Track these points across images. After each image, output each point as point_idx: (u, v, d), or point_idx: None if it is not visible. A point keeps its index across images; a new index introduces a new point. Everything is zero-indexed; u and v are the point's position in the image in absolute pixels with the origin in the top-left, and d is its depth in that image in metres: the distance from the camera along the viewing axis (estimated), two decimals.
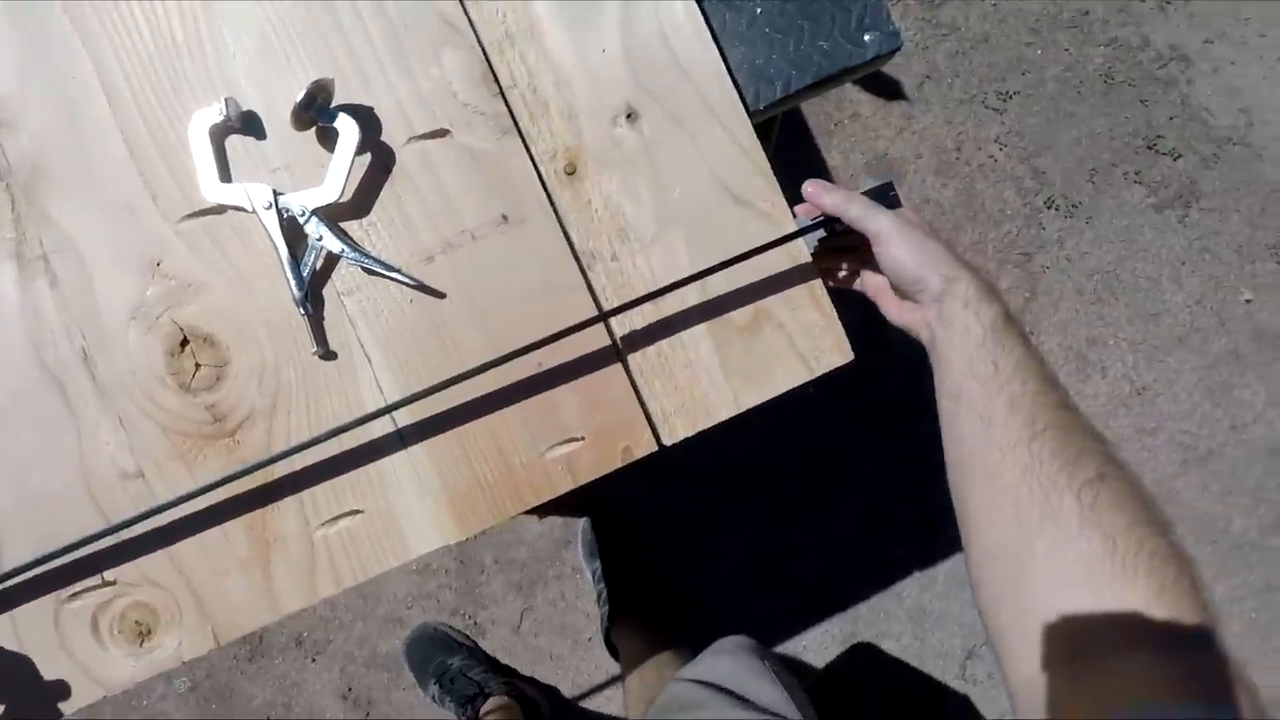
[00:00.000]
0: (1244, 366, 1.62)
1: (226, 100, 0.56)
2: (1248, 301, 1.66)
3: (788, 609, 1.46)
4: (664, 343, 0.60)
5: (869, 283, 0.62)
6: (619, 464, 0.60)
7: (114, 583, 0.55)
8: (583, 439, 0.59)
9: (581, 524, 1.40)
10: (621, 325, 0.60)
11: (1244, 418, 1.61)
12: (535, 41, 0.60)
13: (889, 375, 1.49)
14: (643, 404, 0.60)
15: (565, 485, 0.59)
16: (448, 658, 1.28)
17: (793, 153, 1.51)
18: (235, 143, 0.58)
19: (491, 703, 1.22)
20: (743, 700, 0.73)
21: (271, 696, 1.36)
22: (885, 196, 0.58)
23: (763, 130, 0.69)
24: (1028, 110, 1.61)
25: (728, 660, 0.79)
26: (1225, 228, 1.64)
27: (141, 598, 0.55)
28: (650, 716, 0.80)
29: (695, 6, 0.63)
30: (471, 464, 0.58)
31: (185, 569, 0.56)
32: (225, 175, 0.57)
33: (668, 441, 0.60)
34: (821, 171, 1.53)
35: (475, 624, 1.39)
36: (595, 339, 0.59)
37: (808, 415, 1.48)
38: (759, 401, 0.60)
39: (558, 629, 1.40)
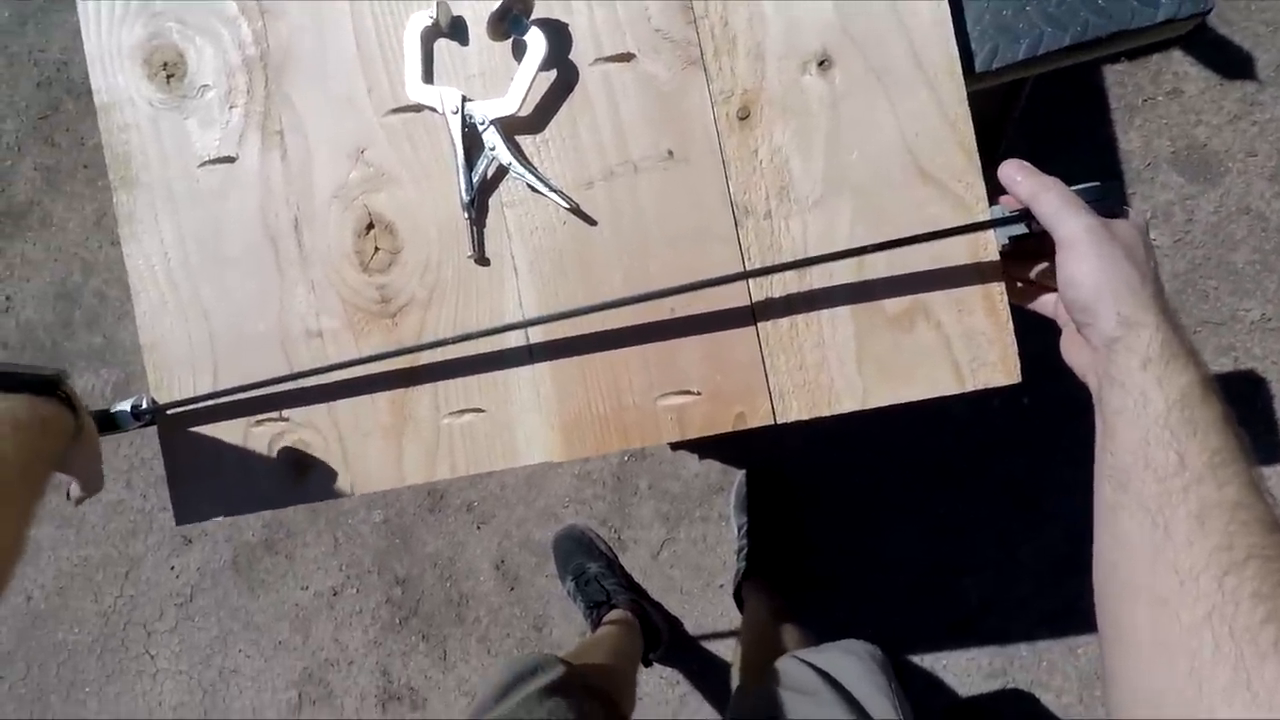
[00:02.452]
0: None
1: (438, 4, 0.59)
2: None
3: (937, 622, 1.35)
4: (800, 317, 0.56)
5: (1056, 304, 0.51)
6: (730, 428, 0.57)
7: (288, 420, 0.65)
8: (699, 394, 0.58)
9: (739, 476, 1.39)
10: (760, 289, 0.56)
11: None
12: None
13: None
14: (765, 375, 0.56)
15: (671, 435, 0.58)
16: (587, 561, 1.37)
17: (1074, 122, 1.28)
18: (442, 46, 0.62)
19: (615, 614, 1.29)
20: (856, 704, 0.70)
21: (440, 548, 1.55)
22: (1102, 200, 0.47)
23: (1005, 93, 0.59)
24: None
25: (854, 663, 0.74)
26: None
27: (305, 436, 0.65)
28: (761, 686, 0.79)
29: None
30: (588, 392, 0.60)
31: (339, 423, 0.64)
32: (428, 76, 0.61)
33: (781, 420, 0.56)
34: (1111, 157, 1.29)
35: (619, 539, 1.46)
36: (732, 296, 0.56)
37: (1017, 426, 1.31)
38: (890, 402, 0.54)
39: (693, 567, 1.42)
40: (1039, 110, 1.21)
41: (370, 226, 0.63)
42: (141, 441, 1.69)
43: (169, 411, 0.65)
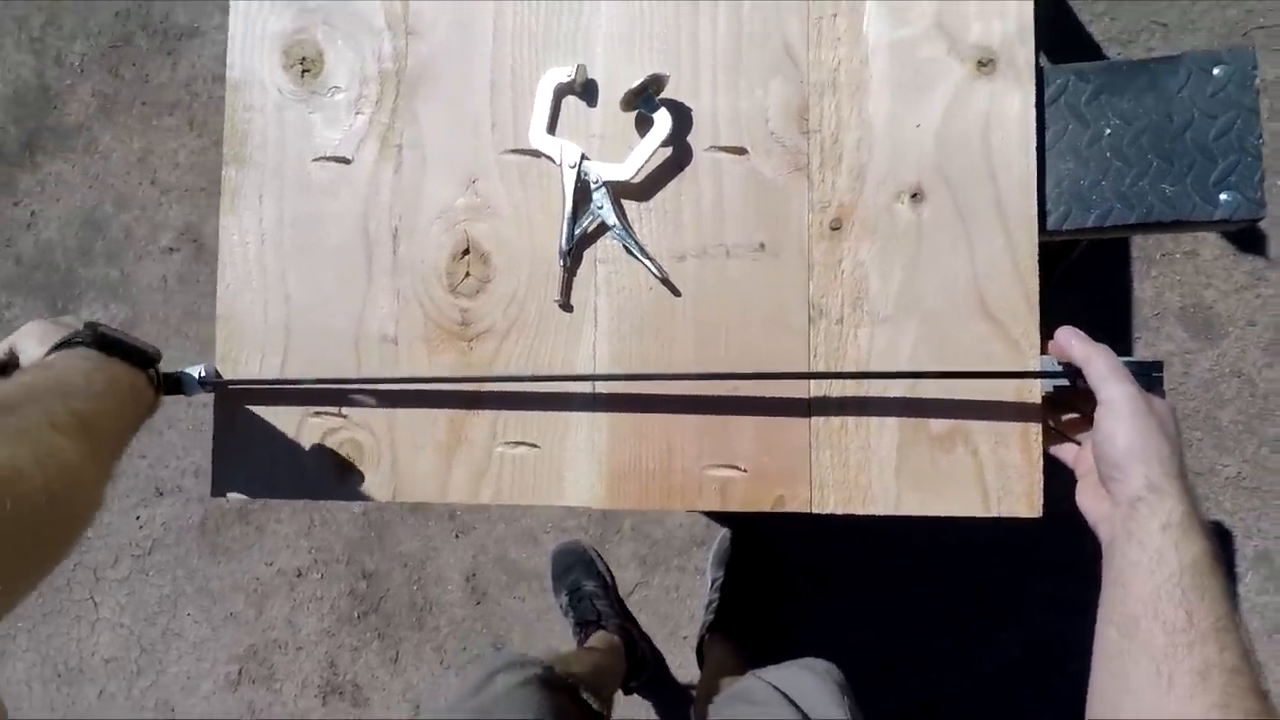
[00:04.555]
0: None
1: (578, 66, 0.64)
2: None
3: (887, 706, 1.38)
4: (851, 419, 0.60)
5: (1077, 455, 0.56)
6: (768, 508, 0.61)
7: (346, 417, 0.68)
8: (745, 470, 0.62)
9: (723, 533, 1.42)
10: (819, 386, 0.60)
11: None
12: (857, 97, 0.62)
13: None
14: (810, 465, 0.61)
15: (712, 504, 0.62)
16: (584, 578, 1.39)
17: (1094, 261, 1.36)
18: (570, 103, 0.66)
19: (600, 636, 1.30)
20: None
21: (414, 549, 1.56)
22: (1147, 375, 0.52)
23: (1062, 250, 0.64)
24: None
25: (811, 679, 0.77)
26: None
27: (358, 437, 0.67)
28: (718, 695, 0.81)
29: (1032, 106, 0.60)
30: (640, 449, 0.63)
31: (395, 430, 0.67)
32: (552, 127, 0.66)
33: (816, 510, 0.60)
34: (1123, 301, 1.37)
35: None
36: (792, 387, 0.61)
37: (1000, 536, 1.36)
38: (918, 513, 0.59)
39: (662, 615, 1.45)
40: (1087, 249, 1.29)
41: (466, 252, 0.67)
42: None
43: (232, 386, 0.68)
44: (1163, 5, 1.41)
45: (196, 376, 0.66)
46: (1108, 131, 0.63)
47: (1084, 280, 1.37)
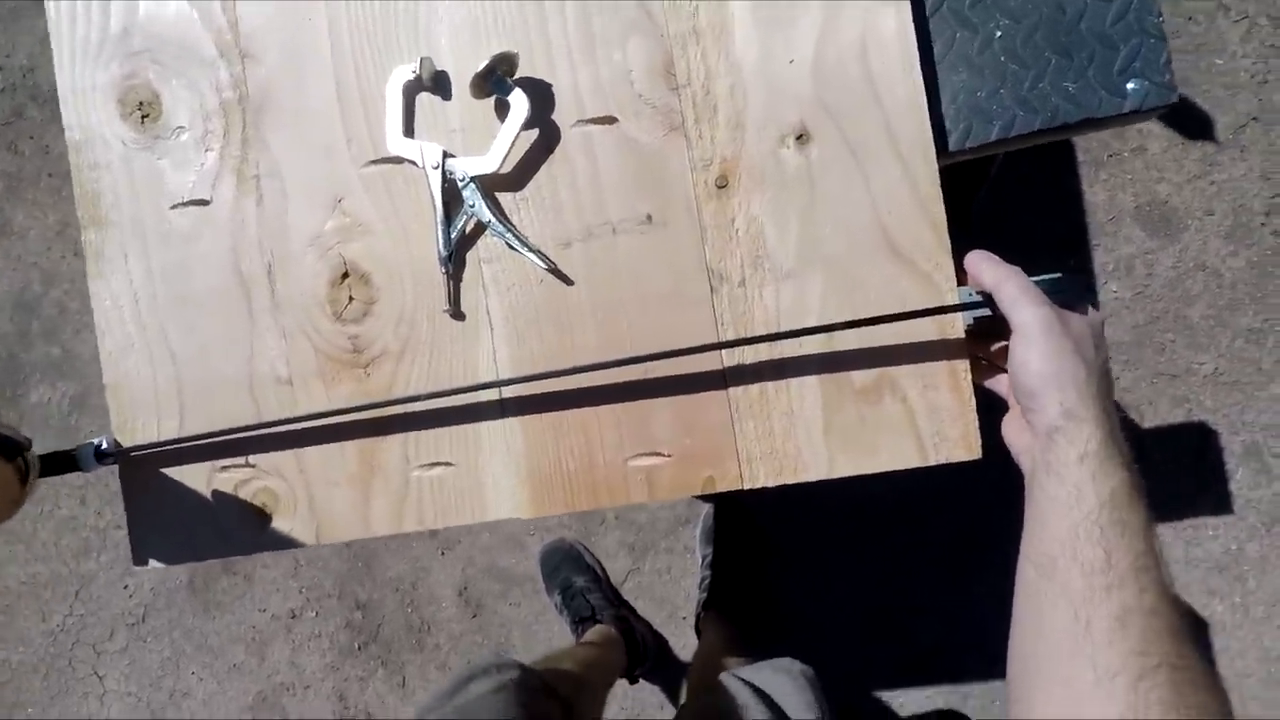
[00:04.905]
0: None
1: (422, 60, 0.59)
2: None
3: (892, 658, 1.36)
4: (770, 384, 0.57)
5: (1006, 382, 0.53)
6: (699, 491, 0.58)
7: (254, 466, 0.64)
8: (669, 456, 0.58)
9: (706, 509, 1.40)
10: (731, 356, 0.57)
11: None
12: (721, 40, 0.57)
13: None
14: (734, 439, 0.57)
15: (640, 496, 0.59)
16: (574, 575, 1.37)
17: (1040, 174, 1.32)
18: (424, 100, 0.62)
19: (596, 630, 1.28)
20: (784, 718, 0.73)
21: (403, 573, 1.54)
22: (1062, 293, 0.48)
23: (975, 169, 0.60)
24: None
25: (786, 680, 0.77)
26: None
27: (270, 484, 0.64)
28: (697, 701, 0.81)
29: (909, 21, 0.56)
30: (559, 450, 0.60)
31: (306, 470, 0.63)
32: (409, 130, 0.61)
33: (748, 486, 0.57)
34: (1075, 208, 1.33)
35: None
36: (704, 362, 0.57)
37: (971, 472, 1.33)
38: (854, 473, 0.55)
39: (658, 599, 1.42)
40: (1005, 161, 1.24)
41: (345, 276, 0.63)
42: None
43: (133, 454, 0.64)
44: None
45: (93, 449, 0.63)
46: (998, 34, 0.58)
47: (1032, 193, 1.33)
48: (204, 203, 0.64)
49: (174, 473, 0.65)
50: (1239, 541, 1.28)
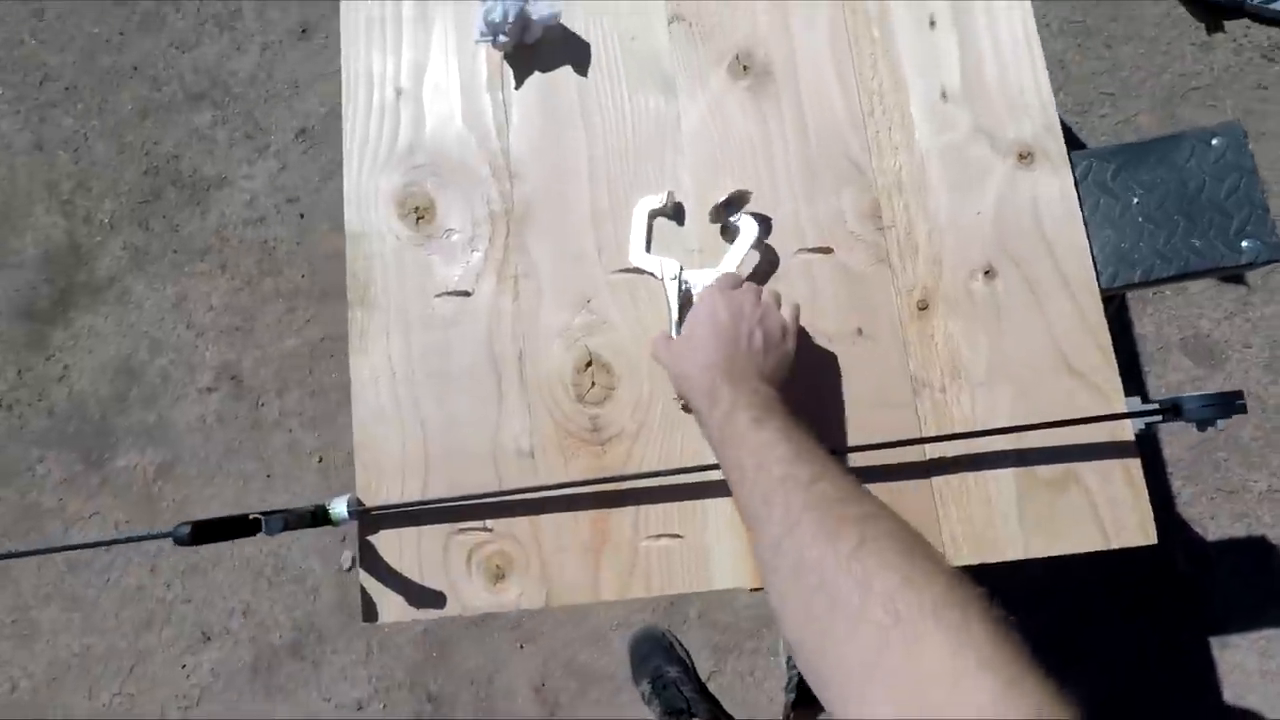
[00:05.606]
0: None
1: (669, 192, 0.73)
2: None
3: None
4: (970, 475, 0.66)
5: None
6: None
7: (491, 530, 0.72)
8: None
9: None
10: (934, 450, 0.67)
11: None
12: (920, 194, 0.71)
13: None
14: (938, 522, 0.66)
15: None
16: (666, 664, 1.38)
17: None
18: (661, 224, 0.75)
19: None
20: None
21: (480, 663, 1.55)
22: (1221, 403, 0.60)
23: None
24: None
25: None
26: None
27: (506, 548, 0.72)
28: None
29: (1072, 188, 0.70)
30: None
31: (541, 537, 0.71)
32: (648, 246, 0.74)
33: (954, 562, 0.66)
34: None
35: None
36: (909, 455, 0.67)
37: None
38: (1047, 554, 0.64)
39: (739, 700, 1.44)
40: None
41: (589, 364, 0.73)
42: None
43: (374, 512, 0.72)
44: (1104, 78, 1.59)
45: (345, 507, 0.70)
46: (1135, 200, 0.73)
47: None
48: (466, 294, 0.76)
49: (413, 533, 0.73)
50: None
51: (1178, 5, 1.55)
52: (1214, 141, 0.73)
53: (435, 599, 0.72)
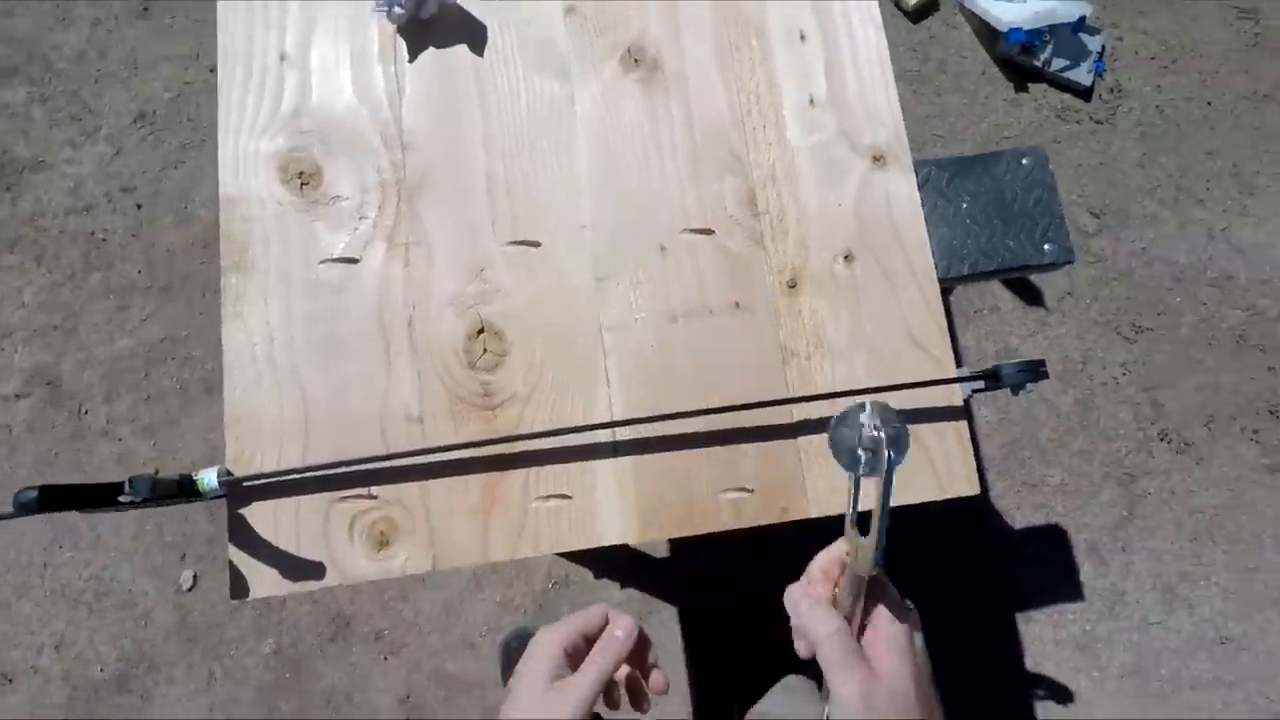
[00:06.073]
0: None
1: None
2: None
3: None
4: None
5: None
6: (777, 519, 0.72)
7: (375, 497, 0.71)
8: (752, 490, 0.73)
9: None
10: (800, 412, 0.74)
11: None
12: (791, 186, 0.79)
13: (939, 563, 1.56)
14: (804, 478, 0.73)
15: (729, 524, 0.72)
16: None
17: None
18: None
19: None
20: None
21: (338, 681, 1.46)
22: (1032, 370, 0.71)
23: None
24: (1157, 347, 1.71)
25: (796, 699, 0.83)
26: None
27: (392, 514, 0.70)
28: None
29: (915, 190, 0.81)
30: (662, 485, 0.72)
31: (429, 502, 0.71)
32: None
33: (814, 513, 0.72)
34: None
35: None
36: (780, 416, 0.74)
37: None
38: (895, 504, 0.72)
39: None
40: None
41: (481, 331, 0.74)
42: None
43: (247, 482, 0.69)
44: (936, 122, 1.81)
45: (215, 477, 0.67)
46: (964, 205, 0.85)
47: None
48: (354, 261, 0.75)
49: (291, 504, 0.70)
50: (1091, 623, 1.56)
51: (991, 65, 1.81)
52: (1024, 161, 0.87)
53: (313, 570, 0.69)
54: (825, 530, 0.62)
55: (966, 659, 1.52)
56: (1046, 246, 0.85)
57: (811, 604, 0.51)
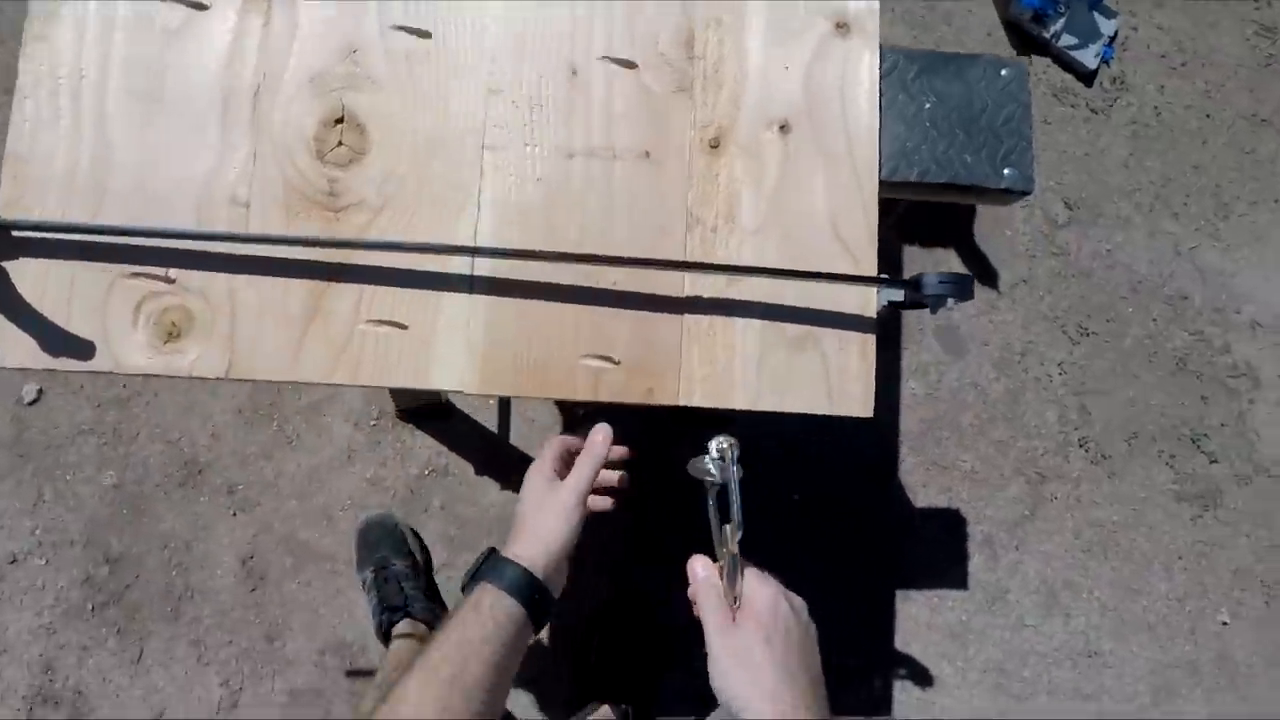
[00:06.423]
0: (1196, 681, 1.61)
1: None
2: (1224, 624, 1.66)
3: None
4: (719, 319, 0.65)
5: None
6: (639, 400, 0.63)
7: (173, 281, 0.59)
8: (618, 363, 0.63)
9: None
10: (693, 286, 0.64)
11: None
12: (737, 35, 0.68)
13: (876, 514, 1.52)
14: (680, 360, 0.64)
15: (586, 394, 0.63)
16: (394, 557, 1.28)
17: None
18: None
19: (406, 624, 1.21)
20: None
21: (178, 529, 1.35)
22: (961, 282, 0.63)
23: (885, 207, 0.75)
24: (1098, 353, 1.67)
25: None
26: (1232, 545, 1.66)
27: (190, 304, 0.59)
28: None
29: (876, 71, 0.70)
30: (517, 334, 0.62)
31: (237, 299, 0.60)
32: None
33: (684, 402, 0.64)
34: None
35: None
36: (669, 286, 0.64)
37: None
38: (774, 409, 0.64)
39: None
40: None
41: (340, 120, 0.63)
42: None
43: (20, 232, 0.57)
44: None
45: None
46: (927, 105, 0.75)
47: None
48: (202, 6, 0.62)
49: (66, 268, 0.59)
50: (969, 614, 1.54)
51: (999, 27, 1.71)
52: (1003, 71, 0.77)
53: (81, 349, 0.58)
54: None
55: (838, 624, 1.48)
56: (1007, 171, 0.76)
57: (698, 563, 0.57)
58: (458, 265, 0.62)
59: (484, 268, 0.62)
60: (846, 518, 1.55)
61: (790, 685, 0.50)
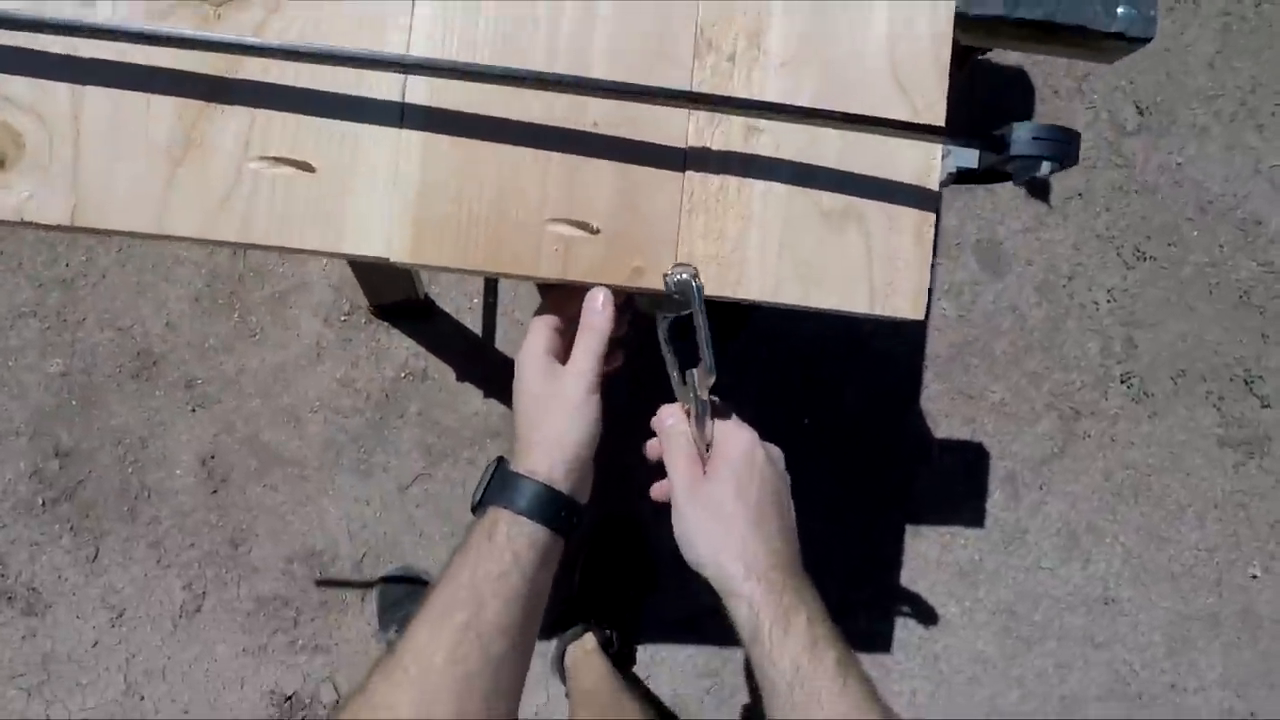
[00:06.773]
0: (1215, 634, 1.52)
1: None
2: (1254, 577, 1.56)
3: (670, 613, 1.34)
4: (733, 180, 0.49)
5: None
6: (622, 283, 0.48)
7: None
8: (597, 231, 0.48)
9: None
10: (699, 133, 0.48)
11: (1188, 682, 1.50)
12: None
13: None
14: (677, 232, 0.49)
15: (549, 271, 0.48)
16: None
17: None
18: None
19: None
20: None
21: (132, 424, 1.24)
22: (1064, 141, 0.46)
23: (957, 55, 0.57)
24: (1153, 280, 1.50)
25: None
26: (1274, 496, 1.53)
27: (17, 122, 0.44)
28: None
29: None
30: (463, 187, 0.47)
31: (84, 119, 0.44)
32: None
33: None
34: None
35: (369, 460, 1.27)
36: (668, 132, 0.48)
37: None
38: (796, 304, 0.49)
39: (442, 511, 1.28)
40: None
41: None
42: None
43: None
44: None
45: None
46: None
47: None
48: None
49: None
50: (982, 553, 1.43)
51: None
52: None
53: None
54: None
55: (842, 553, 1.37)
56: (1120, 10, 0.58)
57: (666, 411, 0.53)
58: (385, 87, 0.46)
59: (419, 92, 0.46)
60: (860, 446, 1.43)
61: (764, 542, 0.46)
